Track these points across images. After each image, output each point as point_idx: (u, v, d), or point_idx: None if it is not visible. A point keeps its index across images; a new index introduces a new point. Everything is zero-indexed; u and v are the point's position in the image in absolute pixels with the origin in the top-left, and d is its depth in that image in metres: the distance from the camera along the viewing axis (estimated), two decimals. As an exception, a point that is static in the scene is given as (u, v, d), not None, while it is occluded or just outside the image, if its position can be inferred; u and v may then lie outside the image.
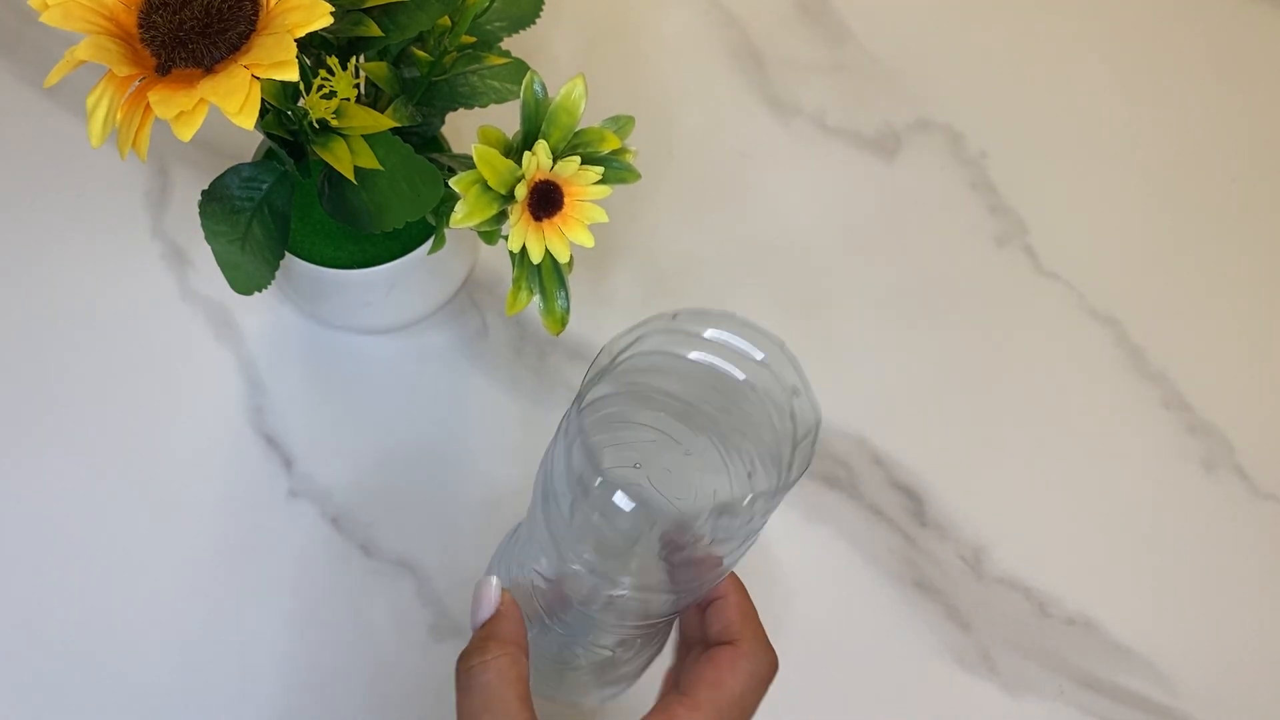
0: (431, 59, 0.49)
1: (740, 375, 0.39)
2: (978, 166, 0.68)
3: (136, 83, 0.42)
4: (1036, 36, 0.72)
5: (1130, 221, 0.68)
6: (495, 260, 0.63)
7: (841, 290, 0.65)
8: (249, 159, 0.53)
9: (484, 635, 0.41)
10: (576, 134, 0.46)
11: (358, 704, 0.55)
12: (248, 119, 0.40)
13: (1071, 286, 0.66)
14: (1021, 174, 0.68)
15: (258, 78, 0.40)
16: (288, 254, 0.53)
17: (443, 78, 0.50)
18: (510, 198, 0.45)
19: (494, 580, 0.43)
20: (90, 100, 0.42)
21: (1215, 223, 0.68)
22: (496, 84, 0.50)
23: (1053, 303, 0.66)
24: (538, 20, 0.52)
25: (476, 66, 0.50)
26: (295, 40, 0.40)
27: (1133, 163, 0.69)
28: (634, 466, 0.41)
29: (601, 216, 0.46)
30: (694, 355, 0.39)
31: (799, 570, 0.58)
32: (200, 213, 0.49)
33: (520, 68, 0.50)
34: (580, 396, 0.37)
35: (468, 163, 0.45)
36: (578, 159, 0.45)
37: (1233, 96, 0.71)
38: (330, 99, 0.46)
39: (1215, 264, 0.67)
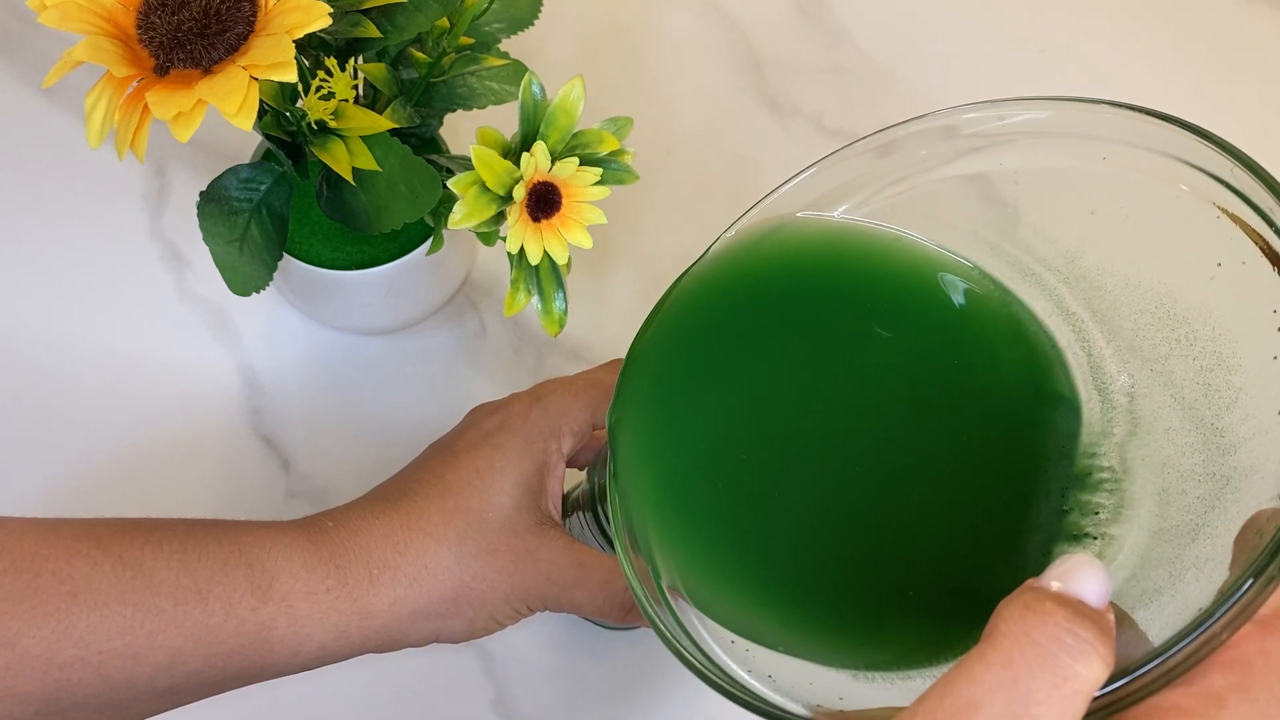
0: (430, 60, 0.49)
1: None
2: (976, 168, 0.68)
3: (135, 84, 0.42)
4: (1034, 37, 0.72)
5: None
6: (493, 261, 0.63)
7: (840, 292, 0.65)
8: (247, 160, 0.53)
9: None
10: (575, 135, 0.46)
11: (357, 704, 0.55)
12: (246, 120, 0.40)
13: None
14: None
15: (256, 79, 0.40)
16: (286, 255, 0.53)
17: (441, 79, 0.50)
18: (508, 199, 0.45)
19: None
20: (88, 101, 0.42)
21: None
22: (495, 85, 0.50)
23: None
24: (536, 22, 0.52)
25: (475, 68, 0.50)
26: (293, 41, 0.40)
27: (1131, 164, 0.69)
28: None
29: (600, 218, 0.46)
30: None
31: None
32: (198, 214, 0.49)
33: (518, 69, 0.51)
34: None
35: (466, 164, 0.45)
36: (576, 160, 0.45)
37: (1233, 98, 0.71)
38: (328, 100, 0.46)
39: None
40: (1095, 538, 0.34)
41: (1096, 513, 0.35)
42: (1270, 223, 0.31)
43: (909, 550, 0.36)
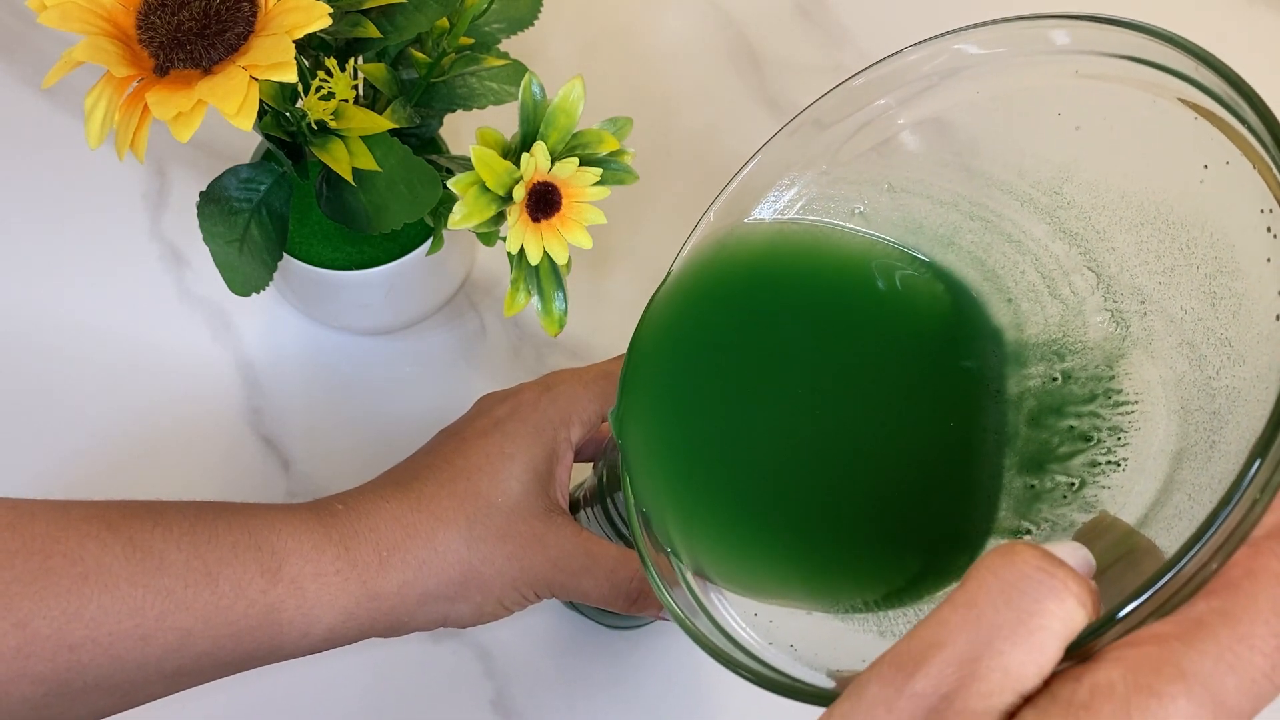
0: (430, 60, 0.49)
1: None
2: (976, 168, 0.68)
3: (135, 84, 0.42)
4: (1034, 38, 0.72)
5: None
6: (493, 262, 0.63)
7: (840, 292, 0.65)
8: (247, 160, 0.53)
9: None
10: (575, 135, 0.46)
11: (357, 704, 0.55)
12: (246, 120, 0.40)
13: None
14: (1019, 176, 0.68)
15: (256, 79, 0.40)
16: (286, 255, 0.53)
17: (441, 79, 0.50)
18: (508, 199, 0.45)
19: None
20: (88, 101, 0.42)
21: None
22: (495, 85, 0.50)
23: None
24: (536, 22, 0.52)
25: (475, 68, 0.50)
26: (293, 41, 0.40)
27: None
28: None
29: (599, 218, 0.46)
30: None
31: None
32: (198, 214, 0.49)
33: (518, 69, 0.51)
34: None
35: (466, 164, 0.45)
36: (576, 160, 0.45)
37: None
38: (328, 100, 0.46)
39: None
40: (1118, 464, 0.34)
41: (1118, 437, 0.35)
42: (1242, 120, 0.30)
43: (910, 494, 0.37)
